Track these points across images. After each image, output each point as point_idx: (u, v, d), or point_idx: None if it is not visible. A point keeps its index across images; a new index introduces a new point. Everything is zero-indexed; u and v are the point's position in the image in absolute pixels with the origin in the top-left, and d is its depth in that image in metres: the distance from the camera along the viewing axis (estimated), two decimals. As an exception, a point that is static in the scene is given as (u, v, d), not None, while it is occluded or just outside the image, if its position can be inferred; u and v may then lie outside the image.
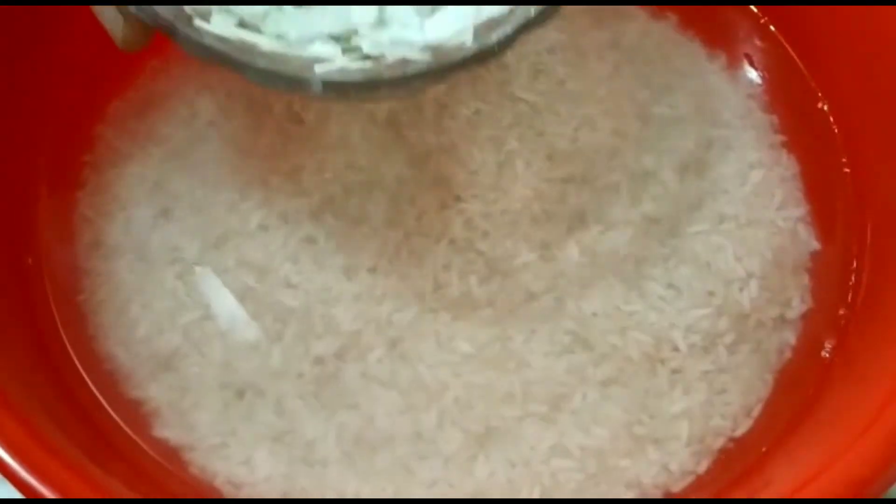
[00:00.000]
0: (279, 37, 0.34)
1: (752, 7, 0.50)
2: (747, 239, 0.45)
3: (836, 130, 0.48)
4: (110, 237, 0.45)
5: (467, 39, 0.34)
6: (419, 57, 0.34)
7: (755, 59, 0.49)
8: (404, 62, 0.34)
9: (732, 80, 0.49)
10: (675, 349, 0.43)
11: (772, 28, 0.49)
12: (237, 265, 0.44)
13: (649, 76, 0.48)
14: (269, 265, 0.44)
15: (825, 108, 0.48)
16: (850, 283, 0.45)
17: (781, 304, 0.44)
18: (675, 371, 0.43)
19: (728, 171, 0.46)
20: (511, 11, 0.35)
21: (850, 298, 0.44)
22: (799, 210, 0.46)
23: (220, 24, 0.34)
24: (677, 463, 0.42)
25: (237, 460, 0.42)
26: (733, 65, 0.49)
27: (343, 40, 0.34)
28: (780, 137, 0.48)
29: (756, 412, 0.43)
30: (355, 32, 0.34)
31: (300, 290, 0.43)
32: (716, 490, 0.41)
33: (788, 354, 0.44)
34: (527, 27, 0.35)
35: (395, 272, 0.44)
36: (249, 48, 0.35)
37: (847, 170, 0.47)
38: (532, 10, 0.34)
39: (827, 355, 0.43)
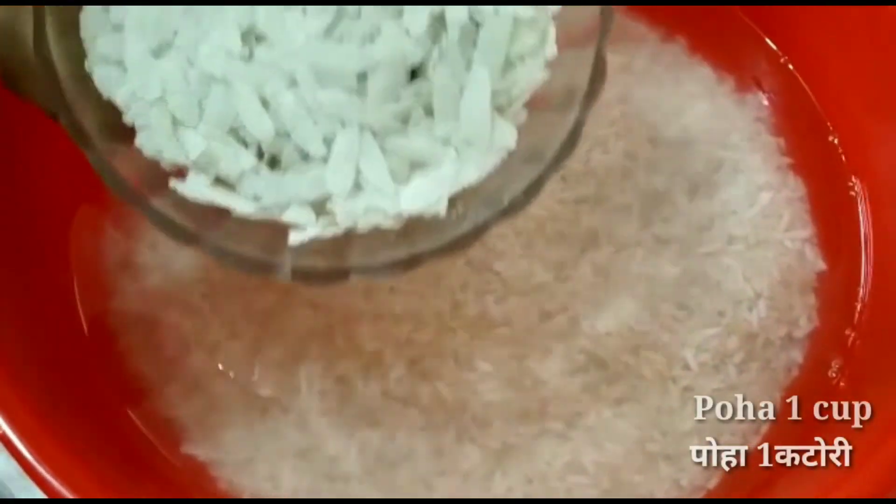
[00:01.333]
0: (255, 198, 0.33)
1: (760, 32, 0.50)
2: (756, 259, 0.46)
3: (841, 152, 0.49)
4: (138, 257, 0.47)
5: (441, 210, 0.33)
6: (391, 225, 0.33)
7: (763, 82, 0.50)
8: (376, 232, 0.33)
9: (741, 103, 0.50)
10: (687, 368, 0.44)
11: (778, 51, 0.50)
12: (261, 286, 0.45)
13: (660, 99, 0.50)
14: (292, 286, 0.45)
15: (832, 130, 0.49)
16: (856, 304, 0.46)
17: (789, 323, 0.46)
18: (686, 389, 0.44)
19: (737, 192, 0.48)
20: (487, 180, 0.34)
21: (856, 319, 0.46)
22: (806, 231, 0.47)
23: (195, 184, 0.33)
24: (688, 479, 0.43)
25: (263, 476, 0.43)
26: (742, 88, 0.50)
27: (317, 206, 0.33)
28: (787, 160, 0.49)
29: (765, 430, 0.44)
30: (329, 199, 0.33)
31: (322, 309, 0.45)
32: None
33: (796, 373, 0.45)
34: (500, 217, 0.33)
35: (414, 292, 0.45)
36: (215, 223, 0.33)
37: (853, 192, 0.48)
38: (505, 200, 0.33)
39: (833, 374, 0.45)
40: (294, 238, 0.33)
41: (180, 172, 0.34)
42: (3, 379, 0.37)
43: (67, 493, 0.36)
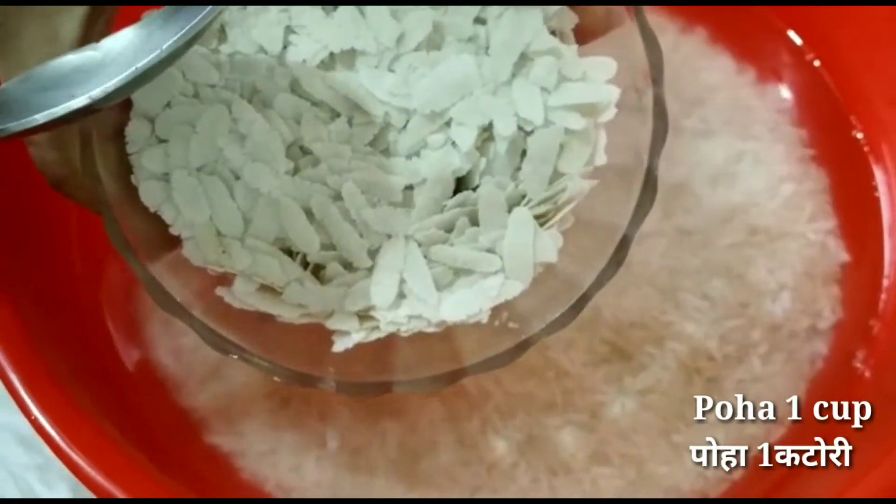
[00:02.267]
0: (300, 305, 0.33)
1: (782, 23, 0.50)
2: (778, 251, 0.46)
3: (864, 144, 0.48)
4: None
5: (483, 318, 0.33)
6: (434, 330, 0.33)
7: (784, 73, 0.50)
8: (420, 343, 0.33)
9: (762, 93, 0.50)
10: (711, 359, 0.44)
11: (801, 45, 0.50)
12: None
13: (680, 90, 0.49)
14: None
15: (854, 123, 0.49)
16: (881, 295, 0.46)
17: (813, 314, 0.46)
18: (710, 380, 0.44)
19: (758, 184, 0.48)
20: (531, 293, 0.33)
21: (880, 309, 0.45)
22: (829, 223, 0.47)
23: (241, 292, 0.33)
24: (713, 470, 0.43)
25: (286, 467, 0.43)
26: (762, 79, 0.50)
27: (361, 312, 0.33)
28: (809, 151, 0.48)
29: (789, 421, 0.43)
30: (373, 307, 0.33)
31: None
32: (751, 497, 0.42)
33: (820, 364, 0.45)
34: (543, 334, 0.33)
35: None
36: (259, 330, 0.33)
37: (875, 184, 0.48)
38: (548, 316, 0.33)
39: (859, 365, 0.44)
40: (339, 345, 0.33)
41: (226, 278, 0.33)
42: (45, 380, 0.36)
43: (103, 481, 0.35)
